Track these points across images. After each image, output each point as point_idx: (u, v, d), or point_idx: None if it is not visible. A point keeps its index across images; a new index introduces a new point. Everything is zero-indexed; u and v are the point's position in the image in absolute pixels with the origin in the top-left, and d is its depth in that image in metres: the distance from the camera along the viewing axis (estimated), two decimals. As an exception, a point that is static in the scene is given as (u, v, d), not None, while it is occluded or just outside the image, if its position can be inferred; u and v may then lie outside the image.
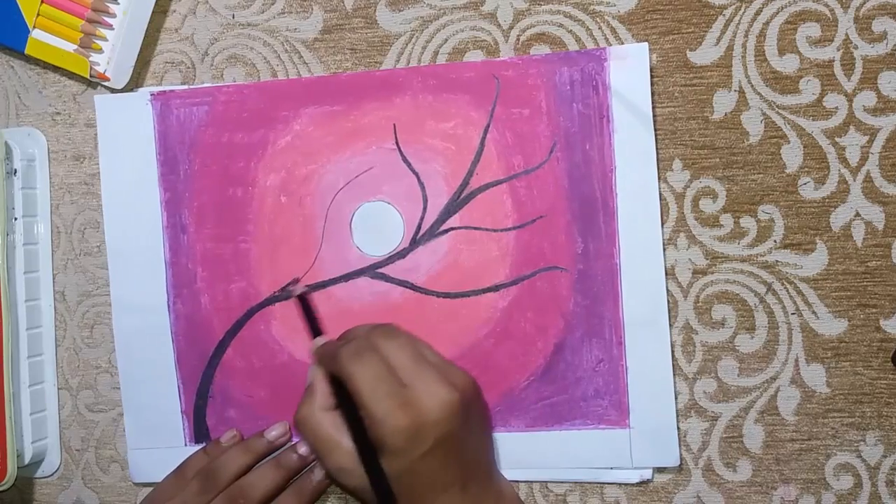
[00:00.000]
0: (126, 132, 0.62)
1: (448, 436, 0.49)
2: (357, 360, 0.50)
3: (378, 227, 0.60)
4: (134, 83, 0.63)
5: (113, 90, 0.63)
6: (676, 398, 0.58)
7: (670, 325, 0.58)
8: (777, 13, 0.56)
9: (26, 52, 0.62)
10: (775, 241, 0.57)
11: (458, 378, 0.51)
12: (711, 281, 0.58)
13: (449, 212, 0.59)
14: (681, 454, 0.58)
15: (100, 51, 0.62)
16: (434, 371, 0.50)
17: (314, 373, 0.54)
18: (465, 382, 0.51)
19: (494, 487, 0.54)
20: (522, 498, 0.59)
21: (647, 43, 0.57)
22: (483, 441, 0.53)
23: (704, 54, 0.57)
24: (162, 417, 0.63)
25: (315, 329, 0.57)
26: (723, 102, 0.57)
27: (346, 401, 0.51)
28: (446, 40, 0.60)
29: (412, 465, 0.49)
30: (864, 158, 0.56)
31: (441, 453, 0.49)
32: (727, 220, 0.57)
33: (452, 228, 0.59)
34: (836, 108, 0.56)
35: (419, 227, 0.59)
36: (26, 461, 0.63)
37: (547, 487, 0.59)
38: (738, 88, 0.57)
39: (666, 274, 0.57)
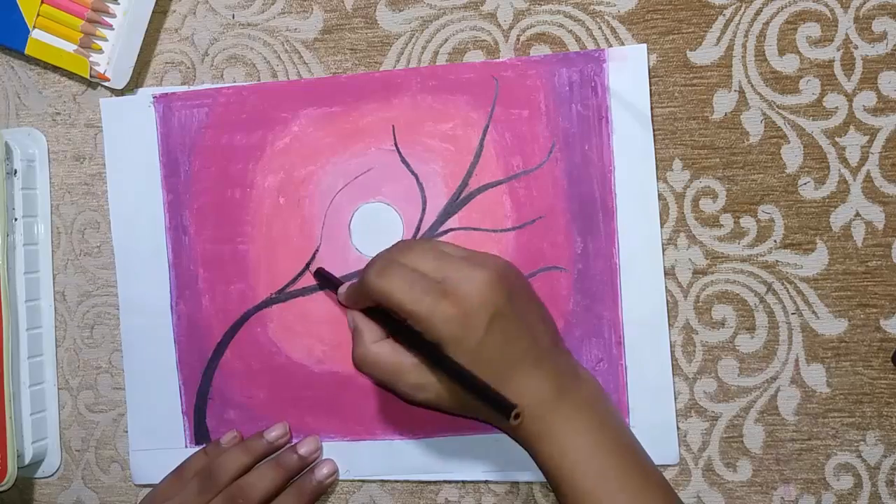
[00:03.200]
0: (130, 134, 0.63)
1: (498, 312, 0.49)
2: (384, 275, 0.50)
3: (377, 229, 0.60)
4: (134, 83, 0.63)
5: (113, 90, 0.63)
6: (676, 398, 0.58)
7: (670, 325, 0.58)
8: (777, 13, 0.56)
9: (26, 52, 0.62)
10: (775, 241, 0.57)
11: (487, 259, 0.52)
12: (711, 281, 0.58)
13: (448, 213, 0.59)
14: (681, 454, 0.58)
15: (100, 51, 0.62)
16: (462, 260, 0.51)
17: (352, 316, 0.55)
18: (495, 261, 0.52)
19: (567, 365, 0.54)
20: (522, 498, 0.59)
21: (645, 44, 0.57)
22: (536, 318, 0.53)
23: (704, 54, 0.57)
24: (163, 418, 0.63)
25: (336, 285, 0.58)
26: (723, 102, 0.57)
27: (391, 322, 0.52)
28: (446, 40, 0.60)
29: (475, 349, 0.49)
30: (864, 158, 0.56)
31: (498, 332, 0.49)
32: (727, 220, 0.57)
33: (452, 229, 0.59)
34: (836, 108, 0.56)
35: (418, 229, 0.59)
36: (26, 461, 0.63)
37: (547, 487, 0.59)
38: (738, 88, 0.57)
39: (666, 274, 0.57)
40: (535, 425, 0.51)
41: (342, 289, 0.57)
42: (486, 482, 0.60)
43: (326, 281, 0.59)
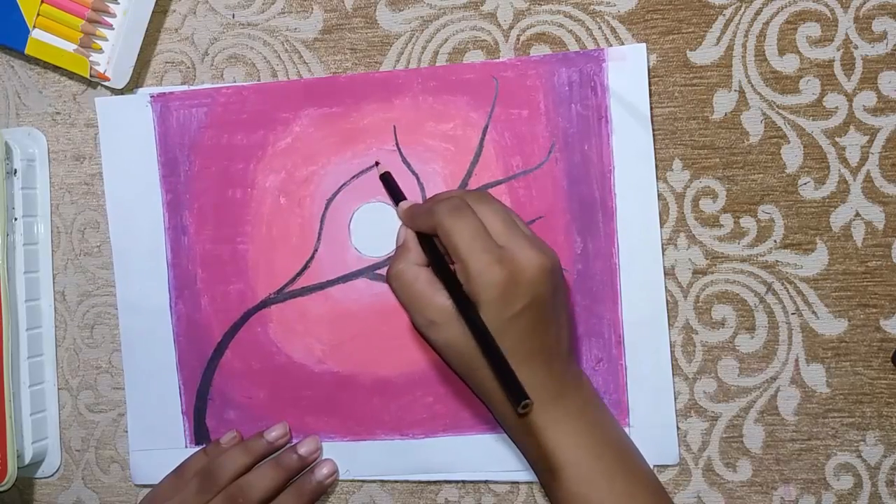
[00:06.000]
0: (127, 134, 0.63)
1: (538, 300, 0.50)
2: (455, 216, 0.50)
3: (377, 229, 0.60)
4: (134, 83, 0.63)
5: (113, 90, 0.63)
6: (676, 398, 0.58)
7: (670, 325, 0.58)
8: (777, 13, 0.56)
9: (26, 52, 0.62)
10: (775, 241, 0.57)
11: (547, 249, 0.52)
12: (711, 281, 0.58)
13: (448, 213, 0.59)
14: (681, 454, 0.58)
15: (100, 51, 0.62)
16: (526, 238, 0.51)
17: (405, 232, 0.55)
18: (553, 254, 0.52)
19: (574, 373, 0.54)
20: (522, 498, 0.59)
21: (645, 44, 0.57)
22: (565, 320, 0.53)
23: (704, 54, 0.57)
24: (163, 418, 0.63)
25: (398, 197, 0.58)
26: (723, 102, 0.57)
27: (438, 259, 0.52)
28: (446, 40, 0.60)
29: (503, 323, 0.49)
30: (864, 158, 0.56)
31: (530, 317, 0.50)
32: (727, 220, 0.57)
33: (452, 229, 0.59)
34: (836, 108, 0.56)
35: (419, 228, 0.59)
36: (26, 461, 0.63)
37: (547, 487, 0.59)
38: (738, 88, 0.57)
39: (666, 274, 0.57)
40: (527, 422, 0.51)
41: (404, 204, 0.56)
42: (486, 482, 0.60)
43: (390, 188, 0.58)
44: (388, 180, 0.59)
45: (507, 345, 0.49)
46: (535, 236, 0.53)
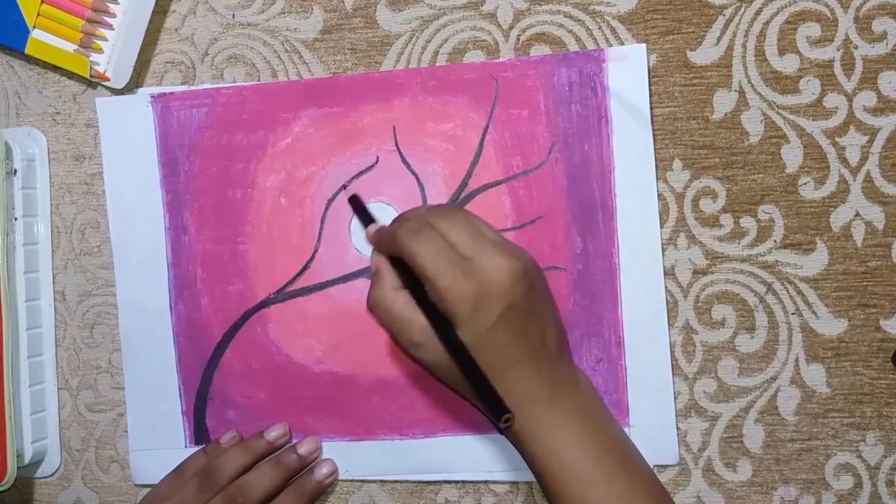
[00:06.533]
0: (127, 134, 0.63)
1: (513, 307, 0.49)
2: (416, 238, 0.50)
3: (377, 229, 0.60)
4: (134, 83, 0.63)
5: (113, 90, 0.63)
6: (676, 398, 0.58)
7: (670, 325, 0.58)
8: (777, 13, 0.56)
9: (26, 52, 0.62)
10: (775, 241, 0.57)
11: (518, 251, 0.51)
12: (711, 281, 0.58)
13: (448, 213, 0.59)
14: (681, 454, 0.58)
15: (100, 51, 0.62)
16: (493, 245, 0.50)
17: (376, 259, 0.54)
18: (525, 256, 0.51)
19: (567, 372, 0.53)
20: (522, 498, 0.59)
21: (645, 44, 0.57)
22: (549, 320, 0.53)
23: (704, 54, 0.57)
24: (163, 418, 0.63)
25: (367, 219, 0.56)
26: (723, 102, 0.57)
27: (412, 279, 0.51)
28: (446, 40, 0.60)
29: (481, 336, 0.49)
30: (864, 158, 0.56)
31: (508, 325, 0.49)
32: (727, 220, 0.57)
33: (452, 229, 0.59)
34: (836, 108, 0.56)
35: (418, 228, 0.59)
36: (26, 461, 0.63)
37: (546, 487, 0.59)
38: (738, 88, 0.57)
39: (666, 274, 0.57)
40: (523, 425, 0.51)
41: (371, 228, 0.55)
42: (486, 482, 0.60)
43: (359, 211, 0.57)
44: (356, 203, 0.57)
45: (490, 356, 0.49)
46: (505, 241, 0.52)
